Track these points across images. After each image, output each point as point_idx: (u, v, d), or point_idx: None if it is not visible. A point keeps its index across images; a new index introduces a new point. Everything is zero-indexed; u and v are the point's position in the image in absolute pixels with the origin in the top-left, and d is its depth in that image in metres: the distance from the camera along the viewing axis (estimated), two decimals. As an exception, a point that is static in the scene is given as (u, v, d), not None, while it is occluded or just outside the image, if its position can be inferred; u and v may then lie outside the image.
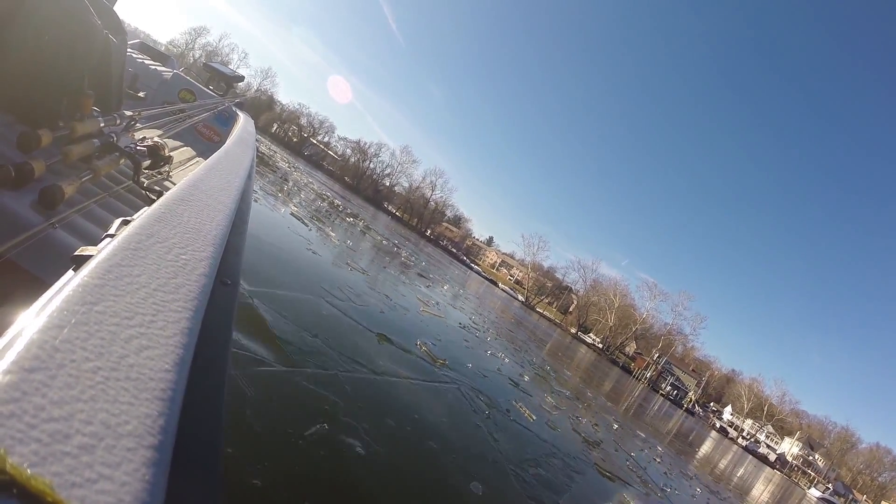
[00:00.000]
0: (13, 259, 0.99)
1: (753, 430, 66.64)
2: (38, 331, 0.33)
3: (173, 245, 0.57)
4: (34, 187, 1.25)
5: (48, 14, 1.58)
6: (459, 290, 18.48)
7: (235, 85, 7.52)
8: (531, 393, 7.25)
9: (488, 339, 9.92)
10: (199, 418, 0.40)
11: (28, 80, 1.60)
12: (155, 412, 0.32)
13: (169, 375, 0.36)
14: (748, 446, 60.98)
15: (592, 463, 5.76)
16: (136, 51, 6.03)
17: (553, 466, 4.71)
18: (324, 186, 28.98)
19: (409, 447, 3.37)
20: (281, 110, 71.76)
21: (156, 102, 4.56)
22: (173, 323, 0.43)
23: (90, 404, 0.30)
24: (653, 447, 10.72)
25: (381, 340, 5.02)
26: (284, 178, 19.06)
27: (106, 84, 2.06)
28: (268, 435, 2.53)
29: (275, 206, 9.29)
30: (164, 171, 2.14)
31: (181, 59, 51.09)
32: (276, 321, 3.88)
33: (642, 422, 15.80)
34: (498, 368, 7.43)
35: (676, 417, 36.09)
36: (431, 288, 12.49)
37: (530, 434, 5.22)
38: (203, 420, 0.41)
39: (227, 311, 0.68)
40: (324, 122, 75.40)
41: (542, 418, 6.04)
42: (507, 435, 4.72)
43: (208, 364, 0.48)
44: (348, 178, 70.31)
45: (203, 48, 62.77)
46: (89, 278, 0.42)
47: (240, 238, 1.15)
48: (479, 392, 5.44)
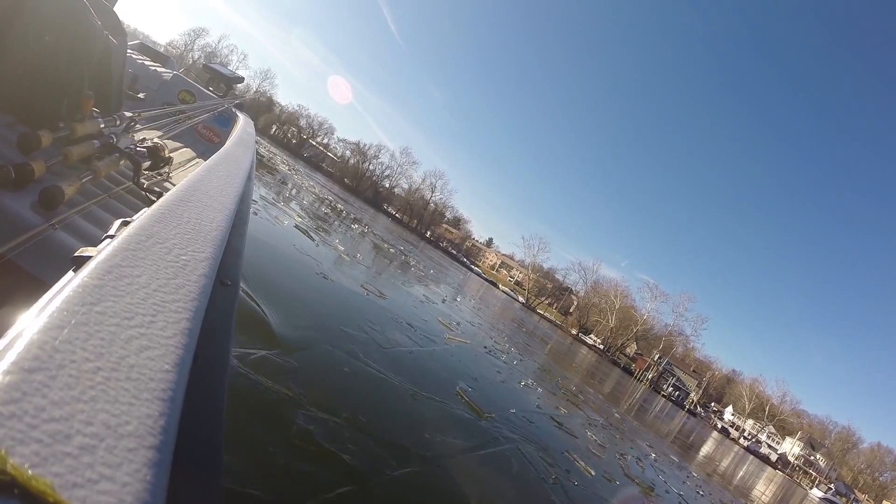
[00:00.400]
0: (13, 260, 1.00)
1: (755, 430, 66.63)
2: (39, 331, 0.33)
3: (173, 246, 0.57)
4: (34, 188, 1.26)
5: (49, 15, 1.58)
6: (472, 302, 18.18)
7: (235, 86, 7.53)
8: (575, 432, 7.08)
9: (514, 362, 9.75)
10: (199, 419, 0.40)
11: (28, 81, 1.60)
12: (156, 412, 0.32)
13: (169, 376, 0.36)
14: (749, 446, 60.97)
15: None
16: (136, 52, 6.04)
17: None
18: (324, 189, 28.54)
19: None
20: (280, 112, 71.73)
21: (155, 103, 4.57)
22: (173, 323, 0.43)
23: (91, 405, 0.30)
24: (689, 475, 10.86)
25: (415, 396, 4.45)
26: (283, 181, 18.81)
27: (106, 85, 2.06)
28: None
29: (277, 217, 8.78)
30: (164, 172, 2.14)
31: (180, 60, 51.04)
32: (297, 398, 3.07)
33: (662, 435, 15.73)
34: (538, 406, 7.24)
35: (679, 419, 36.01)
36: (448, 303, 12.24)
37: (599, 498, 5.04)
38: (204, 420, 0.41)
39: (227, 311, 0.68)
40: (323, 124, 75.64)
41: (598, 470, 5.88)
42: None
43: (209, 364, 0.48)
44: (348, 180, 70.28)
45: (202, 49, 62.88)
46: (89, 279, 0.42)
47: (240, 239, 1.15)
48: (535, 446, 5.18)
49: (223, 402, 0.50)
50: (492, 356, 8.72)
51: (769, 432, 65.91)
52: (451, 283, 20.95)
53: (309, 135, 73.35)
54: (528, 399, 7.39)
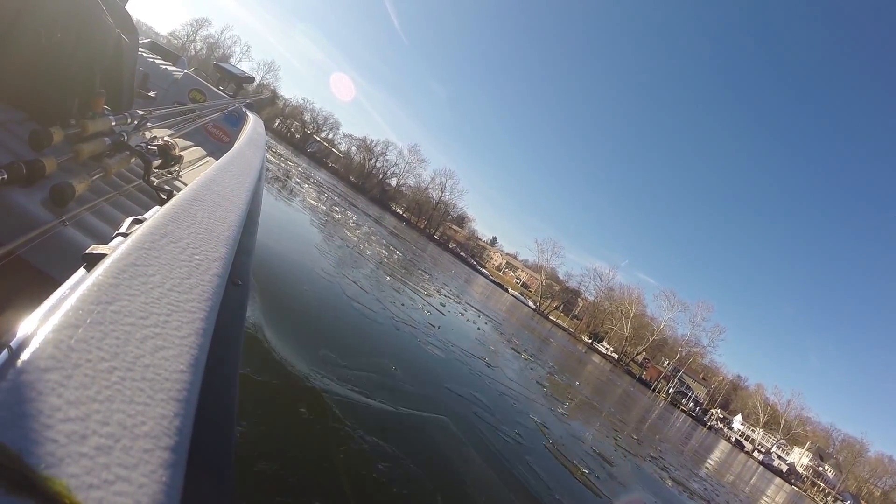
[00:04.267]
0: (23, 256, 1.01)
1: (764, 440, 65.82)
2: (54, 330, 0.33)
3: (187, 245, 0.58)
4: (45, 185, 1.27)
5: (61, 12, 1.61)
6: (500, 323, 16.73)
7: (245, 86, 7.61)
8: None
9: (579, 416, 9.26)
10: (212, 419, 0.40)
11: (40, 78, 1.62)
12: (171, 413, 0.32)
13: (184, 376, 0.37)
14: (764, 460, 60.20)
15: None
16: (147, 50, 6.13)
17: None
18: (337, 195, 27.46)
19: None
20: (284, 105, 70.44)
21: (166, 102, 4.63)
22: (188, 323, 0.43)
23: (106, 405, 0.30)
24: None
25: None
26: (320, 208, 15.63)
27: (117, 83, 2.08)
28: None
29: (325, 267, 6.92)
30: (174, 170, 2.16)
31: (182, 51, 51.02)
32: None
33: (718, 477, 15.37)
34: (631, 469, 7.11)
35: (699, 437, 35.45)
36: (483, 335, 10.81)
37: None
38: (216, 421, 0.41)
39: (238, 311, 0.68)
40: (328, 119, 74.20)
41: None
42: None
43: (221, 365, 0.48)
44: (353, 178, 69.55)
45: (205, 40, 61.85)
46: (104, 277, 0.42)
47: (251, 238, 1.15)
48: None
49: (235, 404, 0.50)
50: (555, 417, 7.85)
51: (779, 442, 65.08)
52: (482, 304, 19.63)
53: (313, 130, 72.28)
54: (620, 459, 7.21)
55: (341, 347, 4.36)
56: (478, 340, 9.34)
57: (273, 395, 2.99)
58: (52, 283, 1.12)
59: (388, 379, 4.33)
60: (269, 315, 3.99)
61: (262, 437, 2.52)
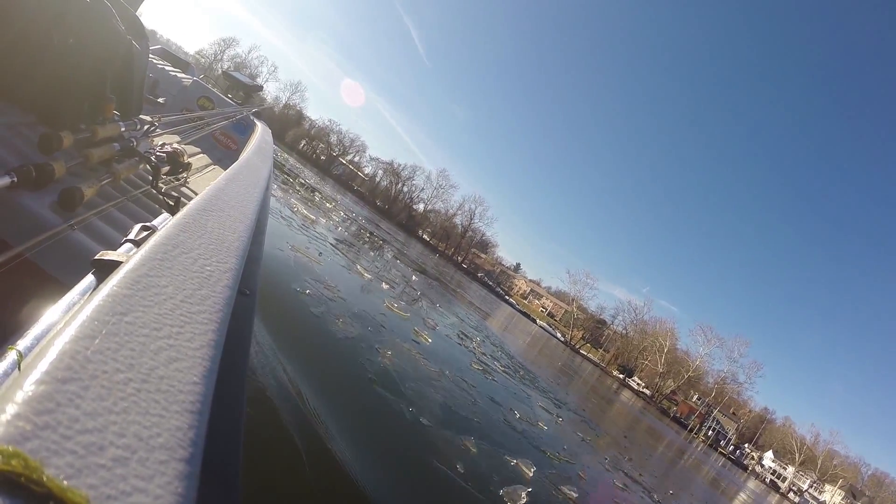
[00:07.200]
0: (32, 259, 1.03)
1: (796, 478, 63.69)
2: (70, 340, 0.34)
3: (198, 256, 0.59)
4: (54, 188, 1.31)
5: (73, 17, 1.67)
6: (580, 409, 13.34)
7: (254, 94, 7.79)
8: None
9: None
10: (222, 430, 0.41)
11: (51, 82, 1.69)
12: (185, 425, 0.33)
13: (197, 388, 0.38)
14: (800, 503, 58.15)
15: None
16: (157, 56, 6.33)
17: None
18: (369, 223, 25.55)
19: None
20: (310, 126, 71.37)
21: (174, 109, 4.75)
22: (200, 335, 0.44)
23: (123, 416, 0.31)
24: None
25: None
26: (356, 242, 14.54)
27: (127, 89, 2.15)
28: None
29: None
30: (181, 177, 2.22)
31: (209, 69, 52.36)
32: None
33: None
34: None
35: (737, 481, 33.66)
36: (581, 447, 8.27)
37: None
38: (226, 432, 0.42)
39: (247, 321, 0.70)
40: (354, 141, 74.95)
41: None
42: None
43: (231, 376, 0.49)
44: (379, 202, 69.62)
45: (232, 59, 63.43)
46: (118, 288, 0.43)
47: (258, 248, 1.17)
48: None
49: (243, 414, 0.51)
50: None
51: (812, 481, 62.90)
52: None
53: (340, 152, 72.73)
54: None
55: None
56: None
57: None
58: (60, 286, 1.15)
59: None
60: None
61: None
